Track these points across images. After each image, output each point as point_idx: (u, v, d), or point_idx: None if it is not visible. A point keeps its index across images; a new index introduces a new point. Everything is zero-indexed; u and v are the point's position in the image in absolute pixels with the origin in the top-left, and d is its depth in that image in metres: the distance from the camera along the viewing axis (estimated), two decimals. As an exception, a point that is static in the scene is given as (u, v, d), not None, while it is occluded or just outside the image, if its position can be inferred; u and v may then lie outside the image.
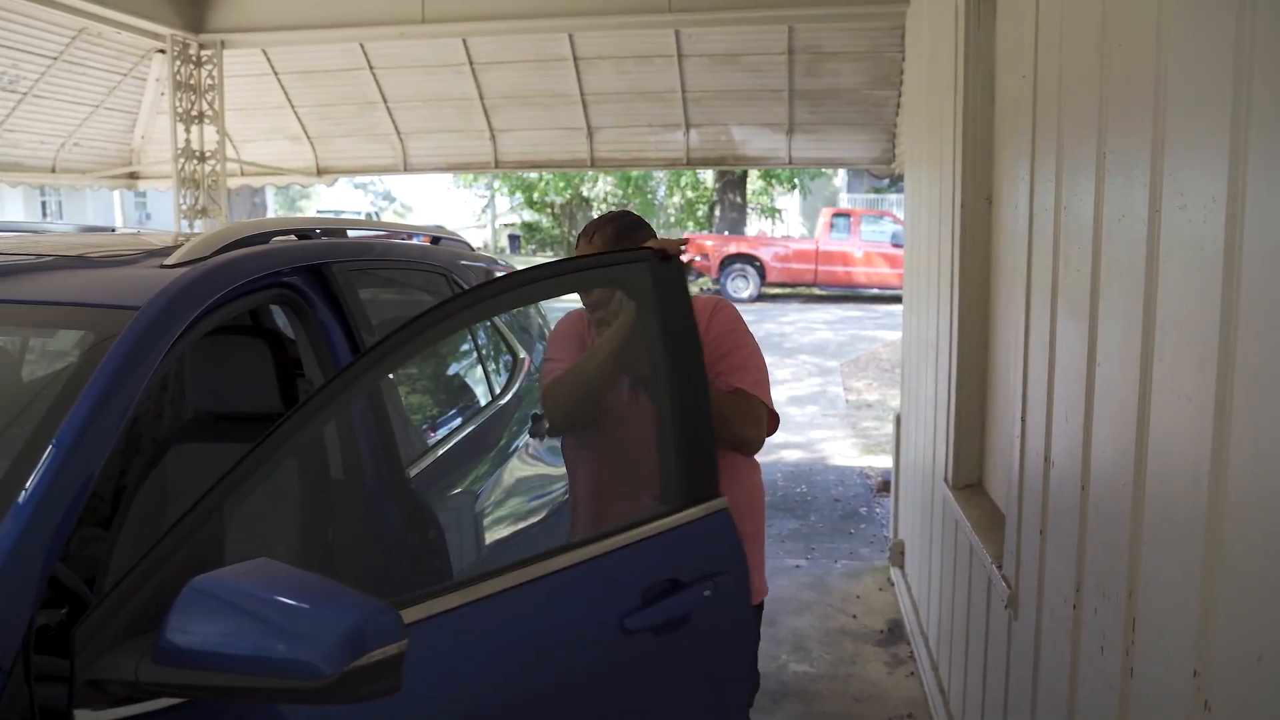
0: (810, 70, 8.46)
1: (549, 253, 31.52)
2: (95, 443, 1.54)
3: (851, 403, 11.49)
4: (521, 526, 3.36)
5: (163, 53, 8.03)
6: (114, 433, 1.58)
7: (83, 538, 2.75)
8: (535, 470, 3.65)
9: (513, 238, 32.94)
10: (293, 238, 2.55)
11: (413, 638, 1.41)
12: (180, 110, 8.06)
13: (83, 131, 8.82)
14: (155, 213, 29.56)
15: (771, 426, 2.55)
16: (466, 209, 37.78)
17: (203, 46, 7.93)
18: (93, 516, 2.90)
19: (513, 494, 3.38)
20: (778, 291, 21.62)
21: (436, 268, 3.31)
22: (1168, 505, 1.57)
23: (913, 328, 5.24)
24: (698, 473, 2.08)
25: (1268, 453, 1.26)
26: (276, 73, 9.00)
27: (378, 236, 3.52)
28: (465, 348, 3.64)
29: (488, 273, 3.59)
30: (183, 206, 8.26)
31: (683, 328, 2.05)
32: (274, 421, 1.64)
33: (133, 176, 9.71)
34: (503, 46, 8.48)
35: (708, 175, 27.44)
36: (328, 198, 32.64)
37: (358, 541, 2.27)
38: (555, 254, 30.72)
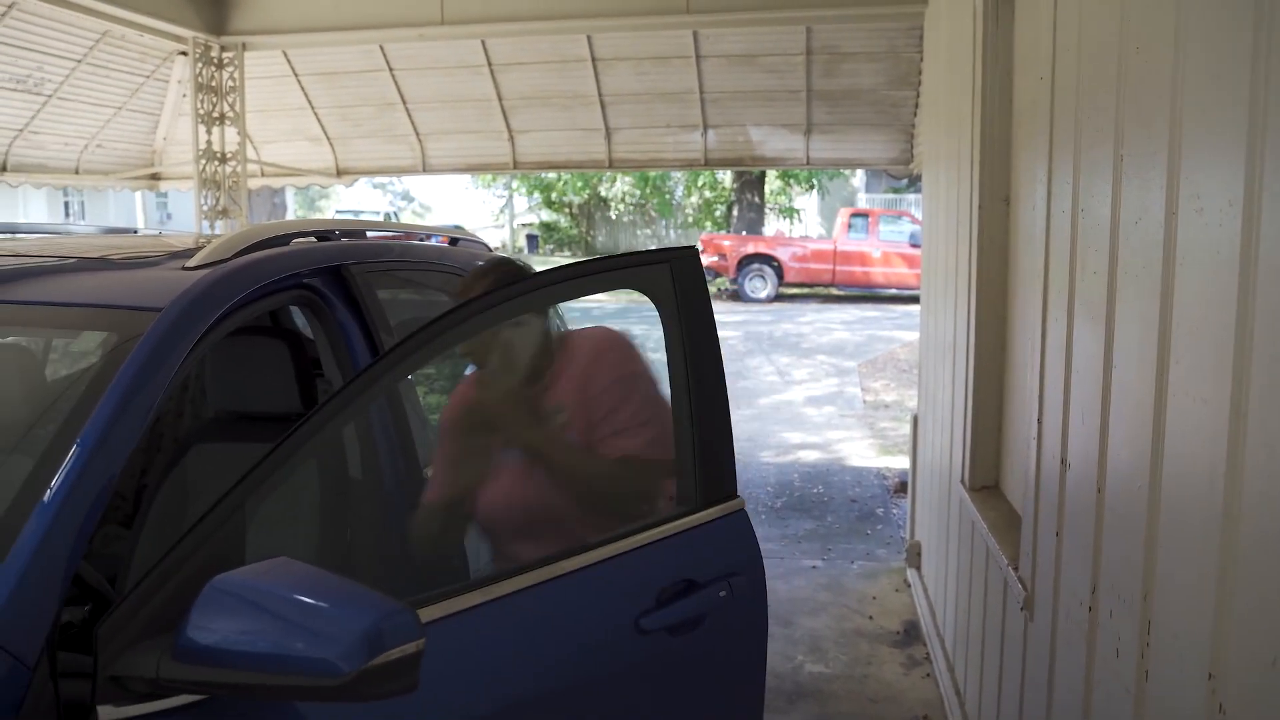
0: (828, 71, 8.45)
1: (567, 253, 31.56)
2: (118, 442, 1.56)
3: (869, 403, 11.47)
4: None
5: (185, 55, 8.10)
6: (137, 433, 1.60)
7: (104, 536, 2.78)
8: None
9: (531, 238, 33.00)
10: (313, 239, 2.57)
11: (430, 637, 1.42)
12: (202, 112, 8.12)
13: (106, 133, 8.91)
14: (176, 213, 29.78)
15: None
16: (485, 209, 37.88)
17: (224, 49, 7.99)
18: (114, 515, 2.93)
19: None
20: (795, 291, 21.58)
21: (454, 269, 3.32)
22: (1183, 507, 1.57)
23: (930, 328, 5.23)
24: (714, 473, 2.08)
25: (1283, 456, 1.26)
26: (297, 74, 9.06)
27: (396, 238, 3.54)
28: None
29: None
30: (204, 207, 8.33)
31: (703, 329, 2.07)
32: (294, 422, 1.66)
33: (154, 178, 9.80)
34: (521, 48, 8.50)
35: (725, 175, 27.42)
36: (347, 198, 32.75)
37: (376, 541, 2.29)
38: (573, 254, 30.76)
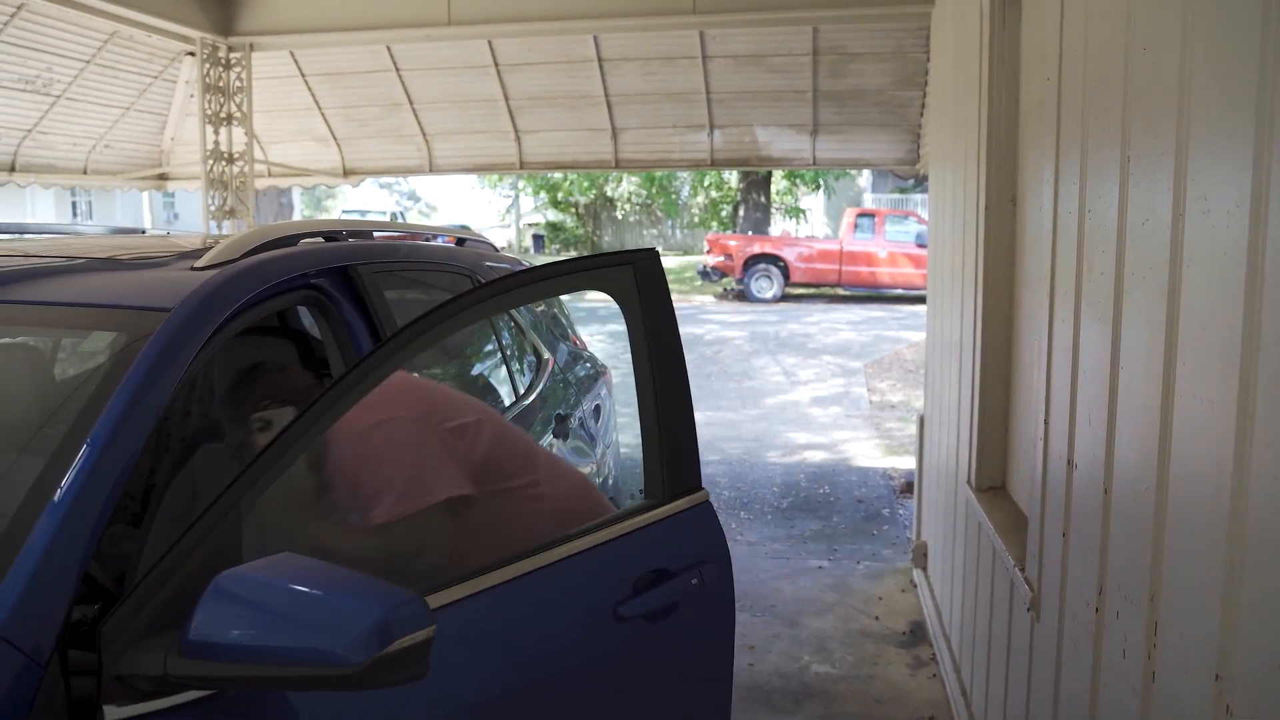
0: (835, 71, 8.44)
1: (573, 252, 31.60)
2: (128, 442, 1.58)
3: (875, 403, 11.45)
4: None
5: (192, 55, 8.13)
6: (146, 432, 1.61)
7: (112, 535, 2.78)
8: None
9: (537, 238, 33.05)
10: (320, 240, 2.58)
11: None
12: (209, 112, 8.15)
13: (114, 133, 8.94)
14: (183, 213, 29.87)
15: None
16: (491, 209, 37.97)
17: (231, 49, 8.02)
18: (122, 514, 2.94)
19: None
20: (802, 292, 21.56)
21: (461, 269, 3.34)
22: (1190, 508, 1.57)
23: (936, 329, 5.23)
24: (679, 467, 2.15)
25: (1290, 457, 1.26)
26: (304, 75, 9.08)
27: (402, 238, 3.55)
28: (490, 349, 3.67)
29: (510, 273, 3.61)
30: (211, 207, 8.35)
31: (665, 327, 2.13)
32: (301, 421, 1.67)
33: (162, 178, 9.83)
34: (528, 48, 8.51)
35: (732, 175, 27.43)
36: (353, 198, 32.84)
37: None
38: (579, 253, 30.78)
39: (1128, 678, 1.83)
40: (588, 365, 4.57)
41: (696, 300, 21.31)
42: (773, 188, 27.82)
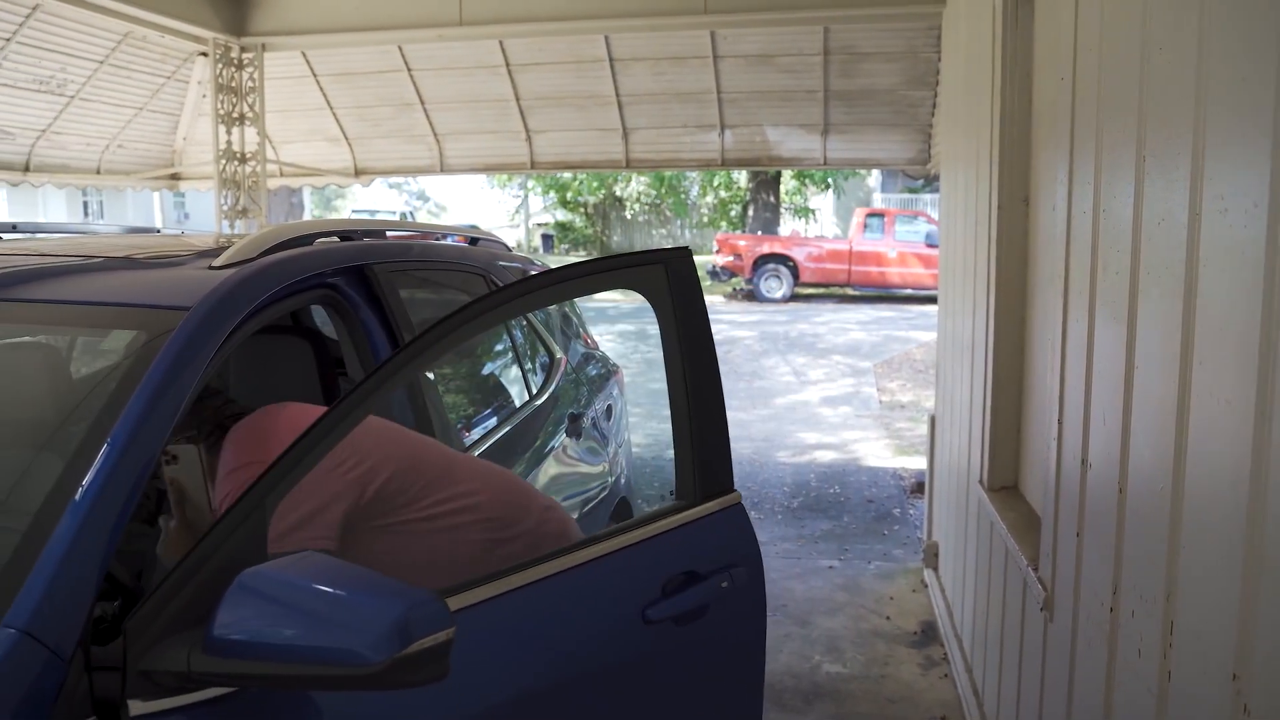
0: (845, 71, 8.43)
1: (582, 252, 31.61)
2: (148, 441, 1.59)
3: (885, 403, 11.44)
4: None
5: (205, 56, 8.16)
6: (166, 431, 1.62)
7: (128, 533, 2.80)
8: (571, 470, 3.68)
9: (546, 237, 33.07)
10: (336, 239, 2.59)
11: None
12: (222, 112, 8.18)
13: (126, 134, 8.97)
14: (194, 213, 29.98)
15: None
16: (500, 208, 37.99)
17: (244, 49, 8.05)
18: (138, 512, 2.96)
19: (548, 494, 3.41)
20: (811, 292, 21.54)
21: (475, 268, 3.35)
22: (1207, 508, 1.57)
23: (948, 329, 5.22)
24: (711, 468, 2.13)
25: (1308, 457, 1.26)
26: (315, 75, 9.10)
27: (414, 237, 3.57)
28: (502, 348, 3.68)
29: (523, 273, 3.62)
30: (223, 207, 8.38)
31: (697, 327, 2.12)
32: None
33: (174, 178, 9.86)
34: (539, 48, 8.52)
35: (741, 175, 27.41)
36: (363, 198, 32.91)
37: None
38: (588, 253, 30.79)
39: (1143, 678, 1.83)
40: (599, 365, 4.58)
41: (705, 300, 21.27)
42: (782, 187, 27.79)
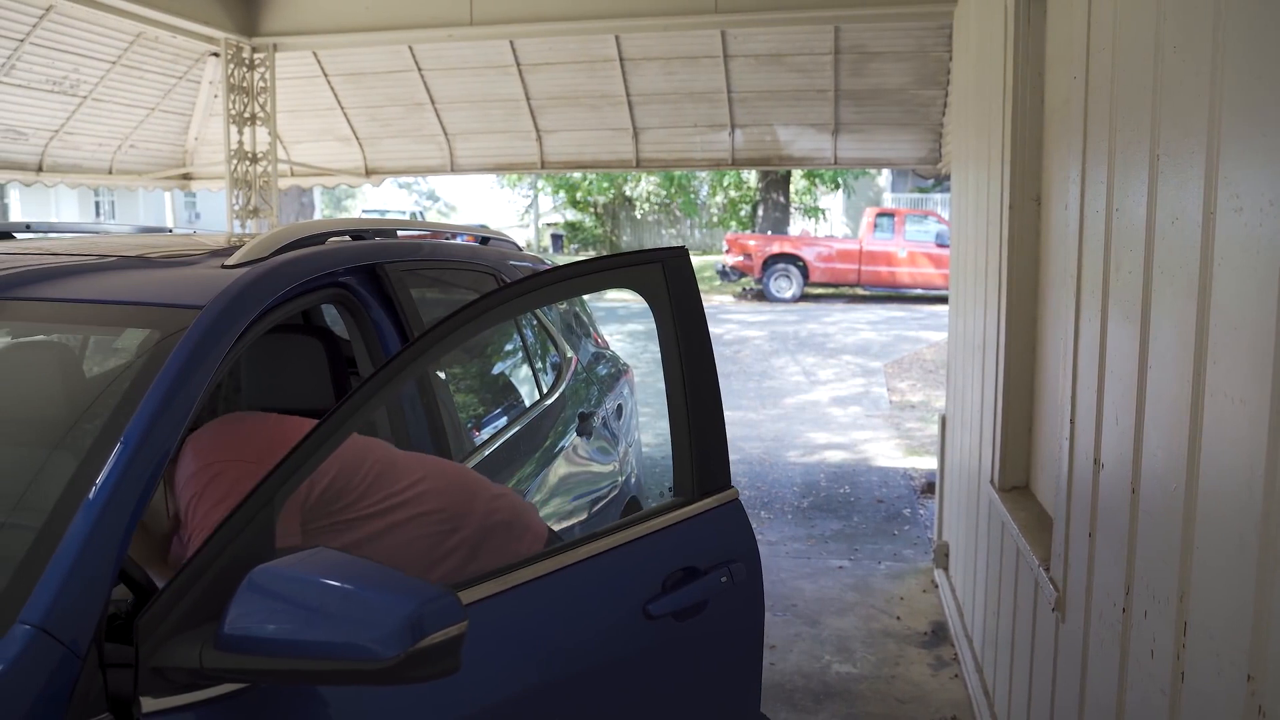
0: (856, 70, 8.42)
1: (591, 252, 31.62)
2: (161, 439, 1.59)
3: (895, 404, 11.42)
4: (566, 526, 3.39)
5: (216, 56, 8.18)
6: (179, 429, 1.63)
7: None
8: (581, 469, 3.69)
9: (555, 237, 33.10)
10: (347, 239, 2.60)
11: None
12: (233, 112, 8.21)
13: (139, 134, 9.01)
14: (205, 213, 30.08)
15: None
16: (510, 208, 38.04)
17: (255, 50, 8.07)
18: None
19: (558, 493, 3.41)
20: (821, 292, 21.52)
21: (485, 267, 3.35)
22: (1220, 508, 1.57)
23: (959, 329, 5.21)
24: (709, 465, 2.15)
25: (1323, 457, 1.25)
26: (326, 75, 9.12)
27: (425, 237, 3.57)
28: (513, 348, 3.68)
29: (533, 272, 3.63)
30: (235, 207, 8.41)
31: (695, 325, 2.13)
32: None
33: (186, 178, 9.89)
34: (549, 48, 8.52)
35: (751, 175, 27.38)
36: (373, 197, 33.01)
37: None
38: (598, 253, 30.80)
39: (1156, 678, 1.82)
40: (610, 364, 4.58)
41: (715, 300, 21.30)
42: (792, 187, 27.75)
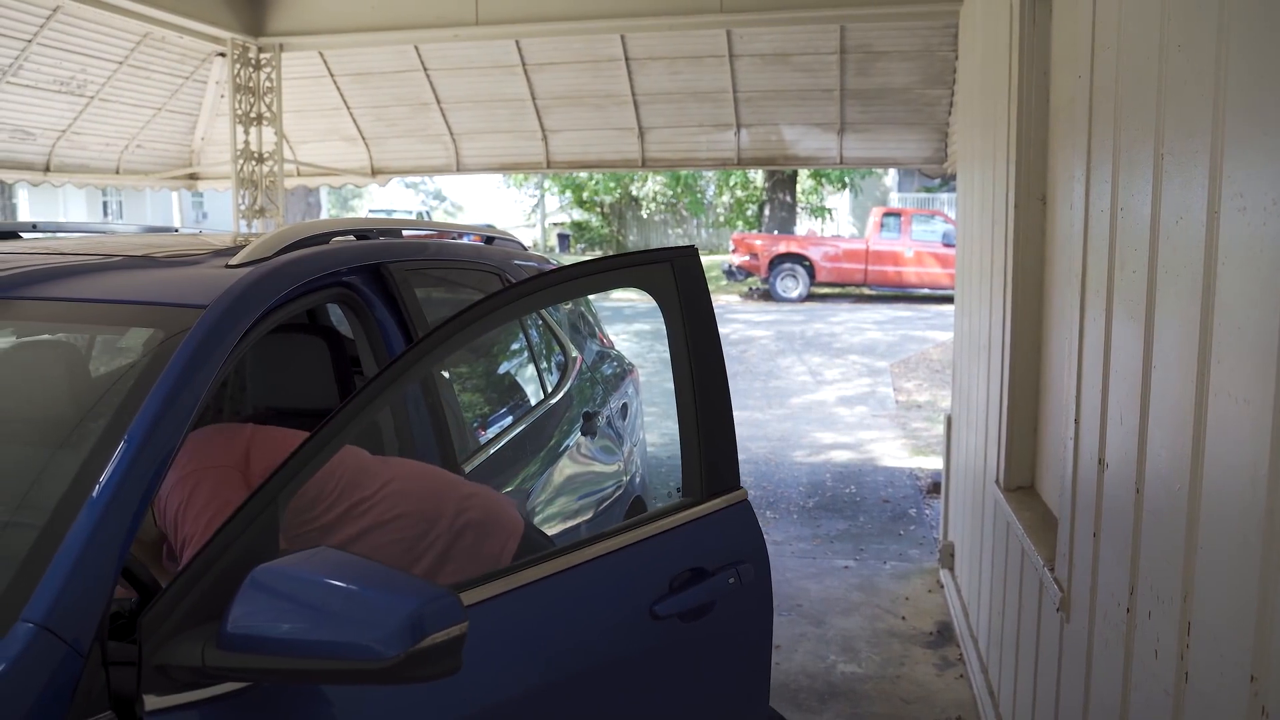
0: (862, 69, 8.41)
1: (598, 251, 31.61)
2: (164, 438, 1.60)
3: (901, 403, 11.41)
4: (571, 525, 3.39)
5: (223, 56, 8.20)
6: (183, 428, 1.63)
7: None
8: (586, 469, 3.69)
9: (562, 237, 33.11)
10: (352, 238, 2.60)
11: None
12: (239, 112, 8.22)
13: (145, 134, 9.03)
14: (211, 212, 30.19)
15: None
16: (516, 208, 38.08)
17: (262, 50, 8.09)
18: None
19: (563, 492, 3.41)
20: (827, 291, 21.50)
21: (490, 267, 3.36)
22: (1224, 508, 1.56)
23: (964, 328, 5.20)
24: (718, 466, 2.14)
25: (1327, 457, 1.25)
26: (332, 75, 9.14)
27: (432, 236, 3.58)
28: (518, 347, 3.68)
29: (539, 271, 3.63)
30: (241, 207, 8.43)
31: (704, 325, 2.12)
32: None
33: (193, 178, 9.91)
34: (555, 47, 8.53)
35: (757, 174, 27.36)
36: (379, 197, 33.04)
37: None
38: (604, 253, 30.80)
39: (1160, 679, 1.82)
40: (615, 364, 4.58)
41: (722, 300, 21.29)
42: (798, 187, 27.73)
